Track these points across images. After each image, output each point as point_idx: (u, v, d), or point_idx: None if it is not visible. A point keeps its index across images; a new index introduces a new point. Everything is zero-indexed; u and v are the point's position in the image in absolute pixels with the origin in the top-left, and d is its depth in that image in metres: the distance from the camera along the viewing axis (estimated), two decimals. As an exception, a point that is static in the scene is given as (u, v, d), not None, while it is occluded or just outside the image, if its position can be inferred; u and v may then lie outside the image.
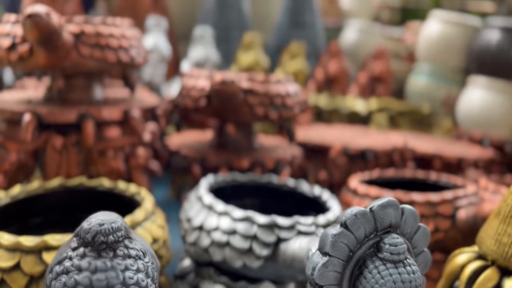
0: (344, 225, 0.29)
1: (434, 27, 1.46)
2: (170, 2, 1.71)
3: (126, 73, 0.66)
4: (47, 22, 0.50)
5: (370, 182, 0.68)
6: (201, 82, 0.66)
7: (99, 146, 0.61)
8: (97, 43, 0.59)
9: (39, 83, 0.87)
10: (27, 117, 0.56)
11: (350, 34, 1.91)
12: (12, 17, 0.59)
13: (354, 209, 0.29)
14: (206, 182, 0.55)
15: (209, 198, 0.50)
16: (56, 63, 0.57)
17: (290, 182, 0.62)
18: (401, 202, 0.57)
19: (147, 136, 0.78)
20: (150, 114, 0.68)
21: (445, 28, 1.45)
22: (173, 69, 1.58)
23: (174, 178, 1.11)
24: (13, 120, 0.58)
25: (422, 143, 0.95)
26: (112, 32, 0.61)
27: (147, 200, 0.48)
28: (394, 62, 1.78)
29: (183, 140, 0.77)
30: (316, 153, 0.82)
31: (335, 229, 0.29)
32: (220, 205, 0.49)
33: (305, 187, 0.61)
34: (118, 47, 0.61)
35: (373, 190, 0.59)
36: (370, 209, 0.29)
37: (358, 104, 1.30)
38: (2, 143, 0.59)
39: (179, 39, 1.80)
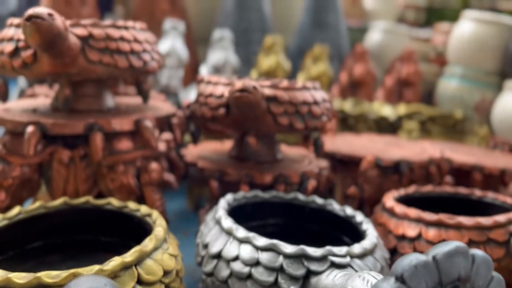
0: (400, 279, 0.22)
1: (467, 27, 1.38)
2: (188, 5, 1.67)
3: (139, 80, 0.61)
4: (49, 24, 0.45)
5: (407, 200, 0.62)
6: (220, 89, 0.60)
7: (108, 160, 0.56)
8: (106, 47, 0.54)
9: (50, 90, 0.83)
10: (29, 129, 0.51)
11: (375, 36, 1.83)
12: (16, 20, 0.55)
13: (413, 258, 0.23)
14: (224, 202, 0.49)
15: (228, 222, 0.44)
16: (62, 69, 0.52)
17: (318, 200, 0.56)
18: (446, 226, 0.50)
19: (161, 146, 0.73)
20: (165, 123, 0.63)
21: (478, 28, 1.36)
22: (192, 74, 1.54)
23: (192, 188, 1.06)
24: (16, 131, 0.53)
25: (459, 153, 0.88)
26: (123, 35, 0.55)
27: (159, 225, 0.42)
28: (422, 64, 1.70)
29: (200, 151, 0.71)
30: (344, 164, 0.76)
31: (390, 284, 0.22)
32: (241, 231, 0.43)
33: (335, 206, 0.55)
34: (129, 52, 0.56)
35: (412, 212, 0.52)
36: (433, 258, 0.23)
37: (385, 110, 1.23)
38: (4, 156, 0.55)
39: (198, 42, 1.75)
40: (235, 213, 0.52)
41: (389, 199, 0.57)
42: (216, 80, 0.62)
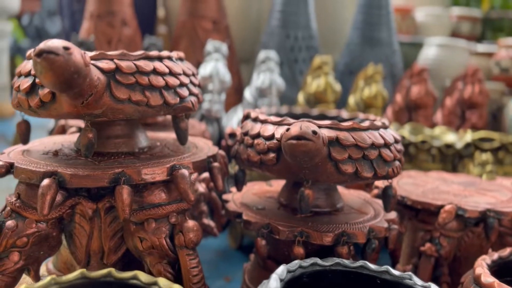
0: None
1: (541, 43, 1.22)
2: (231, 23, 1.59)
3: (176, 118, 0.52)
4: (65, 61, 0.37)
5: (503, 267, 0.49)
6: (269, 129, 0.50)
7: (137, 216, 0.47)
8: (136, 83, 0.45)
9: (83, 122, 0.76)
10: (44, 183, 0.43)
11: (431, 51, 1.69)
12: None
13: None
14: (276, 280, 0.39)
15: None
16: (84, 110, 0.44)
17: (393, 271, 0.45)
18: None
19: (200, 188, 0.64)
20: (205, 164, 0.53)
21: (555, 43, 1.21)
22: (235, 95, 1.45)
23: (234, 224, 0.97)
24: (32, 182, 0.46)
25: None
26: (156, 67, 0.47)
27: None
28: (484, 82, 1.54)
29: (244, 196, 0.61)
30: (414, 212, 0.64)
31: None
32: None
33: (416, 280, 0.43)
34: (163, 87, 0.47)
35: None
36: None
37: (450, 136, 1.09)
38: (18, 210, 0.47)
39: (241, 62, 1.67)
40: (290, 285, 0.42)
41: (484, 271, 0.45)
42: (265, 118, 0.52)
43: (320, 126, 0.47)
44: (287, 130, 0.42)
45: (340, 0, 1.87)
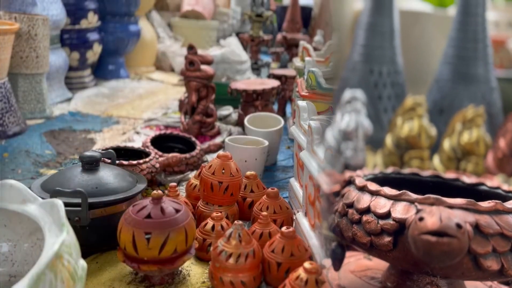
0: None
1: None
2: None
3: None
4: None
5: None
6: (383, 204, 0.41)
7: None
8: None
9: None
10: None
11: (535, 89, 1.50)
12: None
13: None
14: None
15: None
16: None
17: None
18: None
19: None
20: None
21: None
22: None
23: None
24: None
25: None
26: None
27: None
28: None
29: (341, 275, 0.51)
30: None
31: None
32: None
33: None
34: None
35: None
36: None
37: None
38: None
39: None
40: None
41: None
42: (376, 189, 0.42)
43: (451, 207, 0.37)
44: (420, 219, 0.32)
45: (426, 32, 1.75)
